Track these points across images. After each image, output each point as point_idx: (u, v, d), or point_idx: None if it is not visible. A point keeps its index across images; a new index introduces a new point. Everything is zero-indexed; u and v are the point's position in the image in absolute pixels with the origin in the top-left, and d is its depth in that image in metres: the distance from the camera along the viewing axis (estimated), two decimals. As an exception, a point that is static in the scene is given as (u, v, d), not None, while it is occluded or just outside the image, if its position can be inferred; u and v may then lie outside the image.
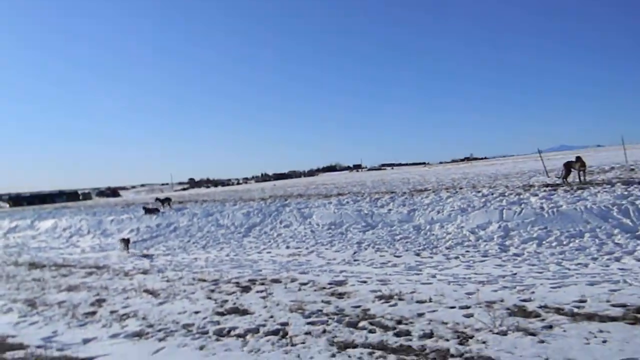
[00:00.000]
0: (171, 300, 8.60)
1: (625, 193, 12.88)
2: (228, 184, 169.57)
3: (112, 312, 8.29)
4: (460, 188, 17.18)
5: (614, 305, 6.10)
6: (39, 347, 6.88)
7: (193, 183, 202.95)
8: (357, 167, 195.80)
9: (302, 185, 36.17)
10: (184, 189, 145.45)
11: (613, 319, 5.66)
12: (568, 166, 16.13)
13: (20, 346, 6.96)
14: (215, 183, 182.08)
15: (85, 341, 6.98)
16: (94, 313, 8.35)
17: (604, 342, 4.98)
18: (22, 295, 10.24)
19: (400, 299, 7.33)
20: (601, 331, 5.27)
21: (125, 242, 16.50)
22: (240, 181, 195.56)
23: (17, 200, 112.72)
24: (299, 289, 8.59)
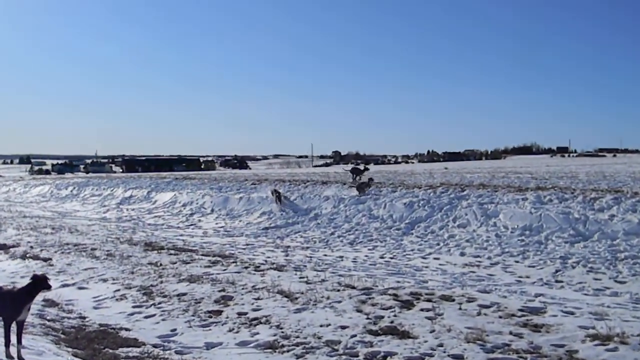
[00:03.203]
0: (311, 308, 8.99)
1: None
2: (383, 162, 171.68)
3: (239, 314, 8.89)
4: None
5: None
6: (155, 346, 7.60)
7: (338, 157, 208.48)
8: (563, 150, 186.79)
9: (485, 172, 35.41)
10: (327, 164, 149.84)
11: None
12: None
13: (135, 342, 7.74)
14: (367, 160, 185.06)
15: (209, 346, 7.58)
16: (218, 312, 9.02)
17: None
18: (137, 281, 11.35)
19: (622, 342, 6.95)
20: None
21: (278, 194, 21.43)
22: (400, 159, 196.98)
23: (131, 164, 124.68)
24: (478, 313, 8.51)
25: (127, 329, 8.40)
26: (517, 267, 12.51)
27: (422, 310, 8.72)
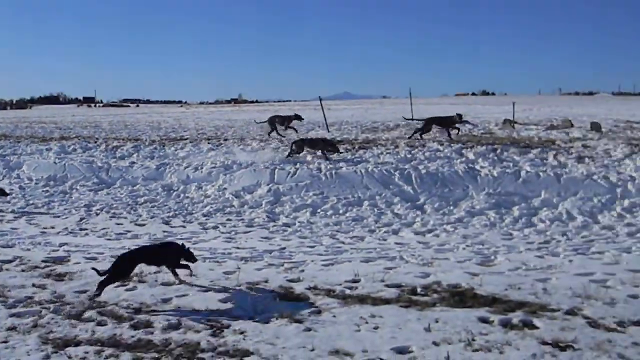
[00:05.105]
0: None
1: (409, 156, 14.68)
2: None
3: None
4: (225, 139, 17.67)
5: (388, 286, 7.06)
6: None
7: None
8: (89, 100, 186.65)
9: (8, 122, 33.44)
10: None
11: (387, 301, 6.54)
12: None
13: None
14: None
15: None
16: None
17: (376, 328, 5.73)
18: None
19: (140, 281, 7.41)
20: (373, 316, 6.04)
21: None
22: None
23: None
24: (0, 269, 8.10)
25: None
26: (42, 219, 12.19)
27: None
